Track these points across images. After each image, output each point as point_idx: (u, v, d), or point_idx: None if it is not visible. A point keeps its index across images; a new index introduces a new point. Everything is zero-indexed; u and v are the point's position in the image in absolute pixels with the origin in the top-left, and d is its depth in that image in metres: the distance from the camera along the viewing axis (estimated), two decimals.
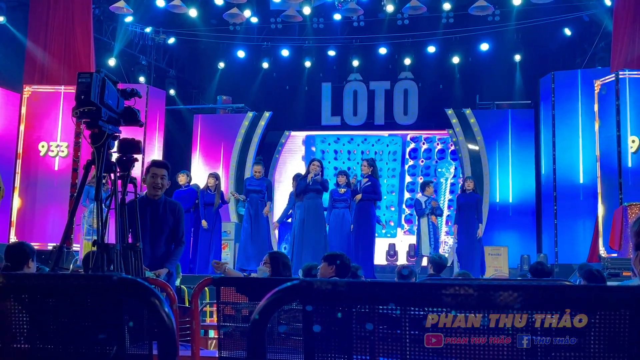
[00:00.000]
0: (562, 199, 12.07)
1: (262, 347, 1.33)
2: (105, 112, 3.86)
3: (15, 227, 11.28)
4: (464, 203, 10.83)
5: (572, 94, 12.21)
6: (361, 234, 10.01)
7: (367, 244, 10.08)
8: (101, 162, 3.91)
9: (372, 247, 10.27)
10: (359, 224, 10.06)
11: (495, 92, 14.48)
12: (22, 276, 1.61)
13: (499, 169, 13.72)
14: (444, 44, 14.64)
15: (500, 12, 13.59)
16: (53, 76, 11.79)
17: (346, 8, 13.31)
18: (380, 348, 1.41)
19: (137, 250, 4.20)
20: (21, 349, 1.60)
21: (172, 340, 1.36)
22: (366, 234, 10.06)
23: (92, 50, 11.95)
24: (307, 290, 1.35)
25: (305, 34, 14.99)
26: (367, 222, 10.08)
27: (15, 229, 11.27)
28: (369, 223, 10.10)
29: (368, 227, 10.10)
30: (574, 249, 11.49)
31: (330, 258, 5.31)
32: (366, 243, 10.05)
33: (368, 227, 10.10)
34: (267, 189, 10.01)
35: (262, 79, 15.50)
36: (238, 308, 3.20)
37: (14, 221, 11.32)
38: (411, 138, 14.77)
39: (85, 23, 11.95)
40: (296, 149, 15.10)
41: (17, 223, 11.31)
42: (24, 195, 11.44)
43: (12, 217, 11.33)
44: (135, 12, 13.27)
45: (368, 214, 10.09)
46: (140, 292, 1.39)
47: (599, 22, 12.57)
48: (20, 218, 11.35)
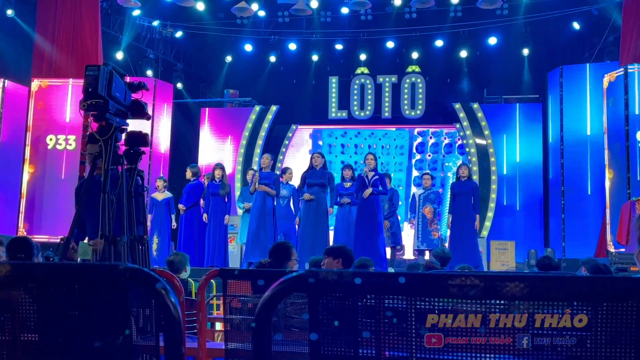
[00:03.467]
0: (570, 193, 12.02)
1: (267, 336, 1.33)
2: (113, 105, 3.87)
3: (23, 220, 11.34)
4: (459, 191, 10.22)
5: (580, 88, 12.15)
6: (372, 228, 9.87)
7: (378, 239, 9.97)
8: (109, 155, 3.92)
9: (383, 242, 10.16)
10: (368, 218, 9.91)
11: (503, 86, 14.43)
12: (30, 266, 1.62)
13: (507, 163, 13.68)
14: (451, 38, 14.58)
15: (508, 5, 13.52)
16: (61, 69, 11.83)
17: (354, 1, 13.27)
18: (386, 341, 1.41)
19: (144, 242, 4.21)
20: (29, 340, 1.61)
21: (179, 329, 1.36)
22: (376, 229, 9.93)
23: (99, 44, 11.97)
24: (313, 281, 1.35)
25: (313, 28, 14.97)
26: (376, 216, 9.96)
27: (23, 221, 11.33)
28: (377, 217, 9.99)
29: (376, 222, 9.97)
30: (582, 244, 11.44)
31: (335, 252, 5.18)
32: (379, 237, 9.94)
33: (376, 222, 9.97)
34: (274, 183, 10.01)
35: (269, 72, 15.48)
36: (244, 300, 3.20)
37: (23, 214, 11.37)
38: (418, 132, 14.74)
39: (93, 16, 11.98)
40: (303, 142, 15.10)
41: (26, 216, 11.37)
42: (32, 188, 11.49)
43: (21, 210, 11.39)
44: (143, 5, 13.28)
45: (377, 208, 9.98)
46: (147, 282, 1.39)
47: (607, 16, 12.49)
48: (28, 211, 11.41)
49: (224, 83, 15.69)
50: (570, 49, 14.08)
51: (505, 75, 14.52)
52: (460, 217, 10.19)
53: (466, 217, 10.18)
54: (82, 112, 4.01)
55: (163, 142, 13.47)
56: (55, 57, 11.85)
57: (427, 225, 10.54)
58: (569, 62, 12.94)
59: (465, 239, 10.16)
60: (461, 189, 10.26)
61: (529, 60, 14.31)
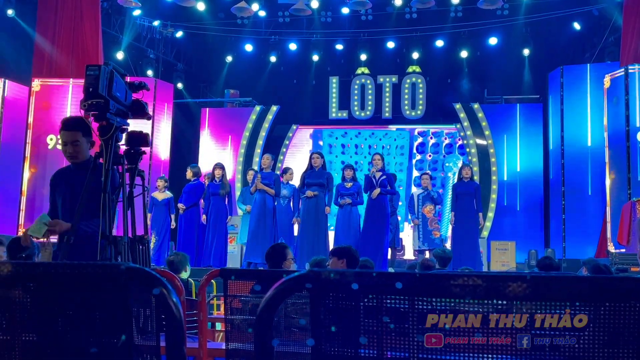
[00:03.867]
0: (570, 193, 12.01)
1: (269, 336, 1.33)
2: (114, 105, 3.86)
3: (24, 219, 11.34)
4: (462, 192, 10.26)
5: (581, 88, 12.14)
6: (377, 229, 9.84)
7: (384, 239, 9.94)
8: (109, 155, 3.91)
9: (387, 243, 10.13)
10: (376, 218, 9.84)
11: (503, 87, 14.43)
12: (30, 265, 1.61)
13: (507, 163, 13.67)
14: (452, 38, 14.58)
15: (509, 5, 13.52)
16: (61, 69, 11.83)
17: (354, 1, 13.27)
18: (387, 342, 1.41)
19: (145, 242, 4.20)
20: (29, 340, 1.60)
21: (180, 329, 1.36)
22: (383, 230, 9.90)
23: (100, 44, 11.98)
24: (314, 281, 1.35)
25: (313, 28, 14.97)
26: (383, 217, 9.91)
27: (24, 221, 11.33)
28: (385, 218, 9.94)
29: (384, 222, 9.92)
30: (582, 244, 11.44)
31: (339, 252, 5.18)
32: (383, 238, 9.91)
33: (384, 222, 9.92)
34: (274, 183, 10.01)
35: (269, 72, 15.48)
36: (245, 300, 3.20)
37: (23, 213, 11.38)
38: (419, 132, 14.74)
39: (94, 16, 11.98)
40: (303, 142, 15.10)
41: (26, 215, 11.37)
42: (33, 188, 11.49)
43: (21, 209, 11.39)
44: (143, 5, 13.28)
45: (385, 209, 9.94)
46: (148, 281, 1.39)
47: (608, 16, 12.49)
48: (29, 210, 11.41)
49: (225, 83, 15.69)
50: (570, 49, 14.07)
51: (505, 76, 14.51)
52: (462, 218, 10.19)
53: (468, 218, 10.19)
54: (82, 112, 3.99)
55: (163, 143, 13.46)
56: (56, 57, 11.85)
57: (427, 225, 10.52)
58: (569, 63, 12.94)
59: (466, 239, 10.15)
60: (464, 189, 10.28)
61: (529, 60, 14.31)
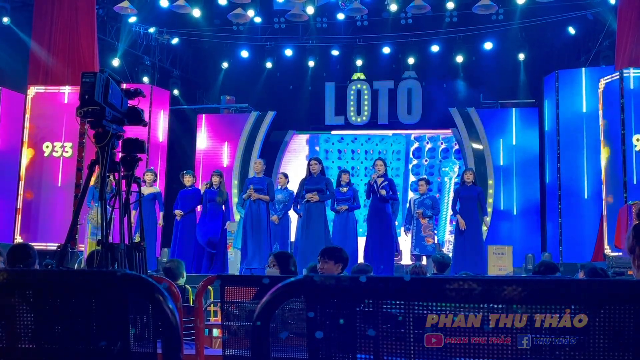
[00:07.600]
0: (566, 197, 12.03)
1: (266, 342, 1.33)
2: (109, 112, 3.86)
3: (19, 227, 11.30)
4: (465, 196, 10.24)
5: (576, 92, 12.17)
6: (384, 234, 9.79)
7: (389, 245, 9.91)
8: (105, 162, 3.91)
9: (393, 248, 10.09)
10: (379, 225, 9.80)
11: (499, 91, 14.47)
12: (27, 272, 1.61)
13: (503, 168, 13.69)
14: (447, 43, 14.62)
15: (504, 10, 13.55)
16: (57, 76, 11.81)
17: (350, 7, 13.29)
18: (384, 347, 1.41)
19: (141, 249, 4.20)
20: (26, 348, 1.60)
21: (177, 336, 1.36)
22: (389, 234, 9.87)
23: (96, 51, 11.97)
24: (310, 286, 1.35)
25: (309, 34, 15.00)
26: (387, 223, 9.88)
27: (19, 229, 11.29)
28: (389, 223, 9.91)
29: (388, 226, 9.89)
30: (579, 248, 11.45)
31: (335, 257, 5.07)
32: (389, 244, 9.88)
33: (388, 226, 9.89)
34: (268, 187, 10.00)
35: (265, 78, 15.50)
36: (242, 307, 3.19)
37: (19, 221, 11.34)
38: (415, 137, 14.76)
39: (89, 23, 11.98)
40: (300, 148, 15.10)
41: (22, 223, 11.33)
42: (28, 196, 11.46)
43: (17, 218, 11.35)
44: (139, 12, 13.27)
45: (388, 214, 9.92)
46: (145, 288, 1.38)
47: (603, 21, 12.53)
48: (24, 218, 11.37)
49: (221, 89, 15.69)
50: (565, 54, 14.12)
51: (501, 80, 14.54)
52: (465, 222, 10.14)
53: (472, 222, 10.16)
54: (78, 119, 4.00)
55: (160, 149, 13.45)
56: (52, 64, 11.84)
57: (420, 230, 10.43)
58: (564, 67, 12.97)
59: (470, 244, 10.14)
60: (467, 193, 10.26)
61: (524, 64, 14.34)
